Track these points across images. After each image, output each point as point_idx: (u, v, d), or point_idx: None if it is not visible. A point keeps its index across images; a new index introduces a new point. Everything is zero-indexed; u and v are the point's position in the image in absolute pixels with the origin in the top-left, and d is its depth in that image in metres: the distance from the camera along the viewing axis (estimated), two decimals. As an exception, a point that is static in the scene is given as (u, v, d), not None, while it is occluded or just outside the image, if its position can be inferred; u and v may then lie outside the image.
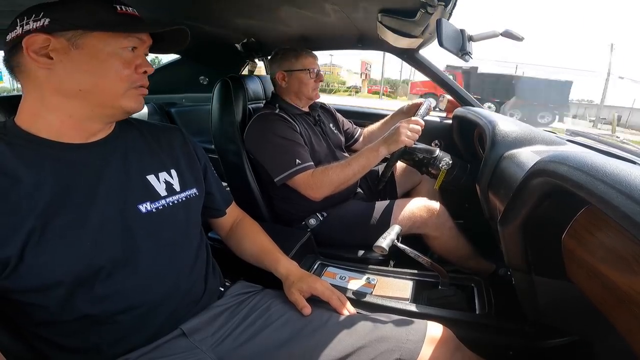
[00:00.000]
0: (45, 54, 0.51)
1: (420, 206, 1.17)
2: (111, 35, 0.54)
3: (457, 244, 1.18)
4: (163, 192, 0.64)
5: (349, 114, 1.75)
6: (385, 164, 1.23)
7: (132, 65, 0.57)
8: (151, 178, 0.63)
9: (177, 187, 0.66)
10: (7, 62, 0.55)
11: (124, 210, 0.58)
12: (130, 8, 0.57)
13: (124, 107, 0.58)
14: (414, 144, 1.11)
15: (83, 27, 0.52)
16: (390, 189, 1.47)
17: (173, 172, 0.67)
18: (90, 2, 0.54)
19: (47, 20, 0.51)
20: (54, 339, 0.55)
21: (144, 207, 0.60)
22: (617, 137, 1.18)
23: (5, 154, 0.51)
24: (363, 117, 1.83)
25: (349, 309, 0.71)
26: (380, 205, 1.21)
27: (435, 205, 1.18)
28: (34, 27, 0.51)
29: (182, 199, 0.66)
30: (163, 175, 0.65)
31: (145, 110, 1.98)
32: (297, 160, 1.13)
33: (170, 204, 0.64)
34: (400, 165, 1.49)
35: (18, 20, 0.53)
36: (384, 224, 1.15)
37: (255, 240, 0.84)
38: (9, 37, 0.54)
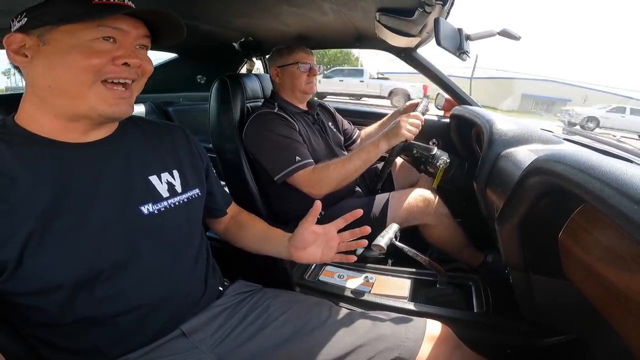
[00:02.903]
0: (23, 53, 0.52)
1: (416, 196, 1.18)
2: (82, 27, 0.50)
3: (454, 231, 1.20)
4: (165, 193, 0.63)
5: (348, 113, 1.75)
6: (384, 162, 1.23)
7: (105, 56, 0.51)
8: (153, 179, 0.62)
9: (178, 188, 0.65)
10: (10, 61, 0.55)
11: (126, 211, 0.57)
12: None
13: (93, 105, 0.52)
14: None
15: (50, 23, 0.50)
16: (389, 188, 1.47)
17: (175, 172, 0.66)
18: None
19: (25, 19, 0.51)
20: (54, 341, 0.55)
21: (146, 209, 0.59)
22: (613, 135, 1.19)
23: (4, 154, 0.50)
24: (362, 116, 1.84)
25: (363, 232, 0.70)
26: (377, 199, 1.22)
27: (431, 194, 1.19)
28: (17, 26, 0.52)
29: (183, 200, 0.65)
30: (165, 175, 0.64)
31: (142, 109, 1.96)
32: (297, 158, 1.12)
33: (172, 205, 0.63)
34: (398, 164, 1.50)
35: (11, 22, 0.53)
36: (382, 217, 1.16)
37: (255, 225, 0.84)
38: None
